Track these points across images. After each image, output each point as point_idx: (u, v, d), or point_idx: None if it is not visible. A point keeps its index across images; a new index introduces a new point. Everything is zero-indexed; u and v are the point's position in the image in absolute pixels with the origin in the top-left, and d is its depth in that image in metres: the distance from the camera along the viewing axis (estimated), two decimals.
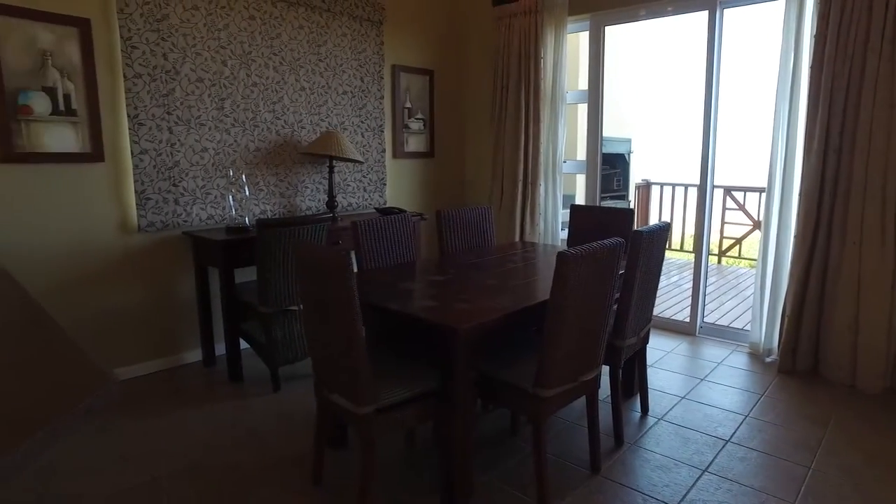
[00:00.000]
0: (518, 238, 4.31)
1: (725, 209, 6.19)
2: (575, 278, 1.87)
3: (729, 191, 6.13)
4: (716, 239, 6.16)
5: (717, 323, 4.10)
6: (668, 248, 3.70)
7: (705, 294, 3.92)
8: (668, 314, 4.33)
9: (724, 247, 6.33)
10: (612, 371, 2.47)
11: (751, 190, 6.02)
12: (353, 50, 3.94)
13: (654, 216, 6.90)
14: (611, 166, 7.11)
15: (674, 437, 2.51)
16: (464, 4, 4.73)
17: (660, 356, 3.49)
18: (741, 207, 6.10)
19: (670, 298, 4.85)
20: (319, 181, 3.87)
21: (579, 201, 5.65)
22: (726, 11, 3.51)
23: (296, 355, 3.01)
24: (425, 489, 2.13)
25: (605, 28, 4.05)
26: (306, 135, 3.74)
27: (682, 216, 6.42)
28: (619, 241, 2.08)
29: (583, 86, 4.27)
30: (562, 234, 4.39)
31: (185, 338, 3.34)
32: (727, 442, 2.47)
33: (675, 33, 8.03)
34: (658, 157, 8.30)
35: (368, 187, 4.19)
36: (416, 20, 4.39)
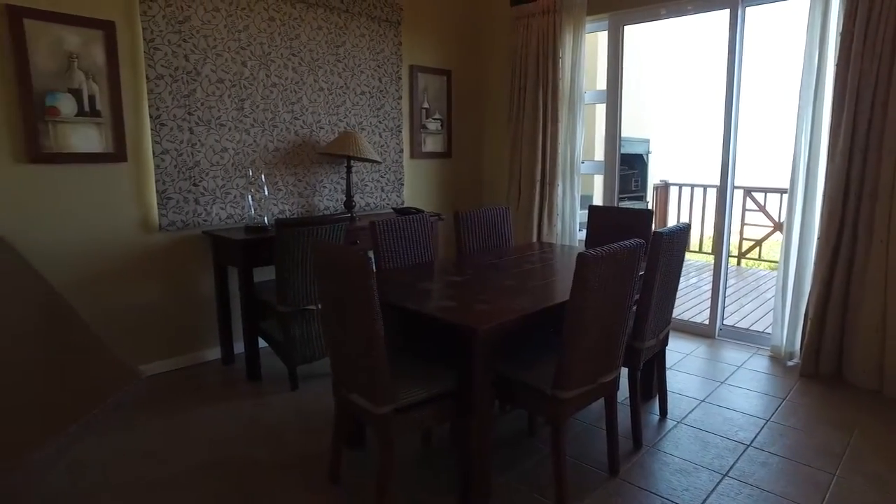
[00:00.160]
0: (535, 239, 4.30)
1: (745, 210, 6.11)
2: (595, 279, 1.86)
3: (749, 192, 6.05)
4: (735, 240, 6.08)
5: (737, 325, 4.04)
6: (686, 250, 3.65)
7: (725, 296, 3.87)
8: (686, 316, 4.28)
9: (743, 248, 6.24)
10: (630, 373, 2.45)
11: (771, 191, 5.92)
12: (371, 50, 3.96)
13: (672, 217, 6.83)
14: (629, 167, 7.05)
15: (693, 441, 2.48)
16: (482, 5, 4.72)
17: (679, 358, 3.46)
18: (762, 209, 6.01)
19: (689, 300, 4.79)
20: (337, 181, 3.89)
21: (597, 202, 5.62)
22: (748, 9, 3.46)
23: (313, 354, 3.03)
24: (442, 489, 2.13)
25: (625, 27, 4.02)
26: (325, 135, 3.76)
27: (701, 217, 6.35)
28: (639, 243, 2.06)
29: (601, 86, 4.25)
30: (579, 235, 4.37)
31: (205, 336, 3.38)
32: (748, 446, 2.44)
33: (694, 32, 7.94)
34: (676, 157, 8.22)
35: (386, 187, 4.20)
36: (433, 21, 4.40)
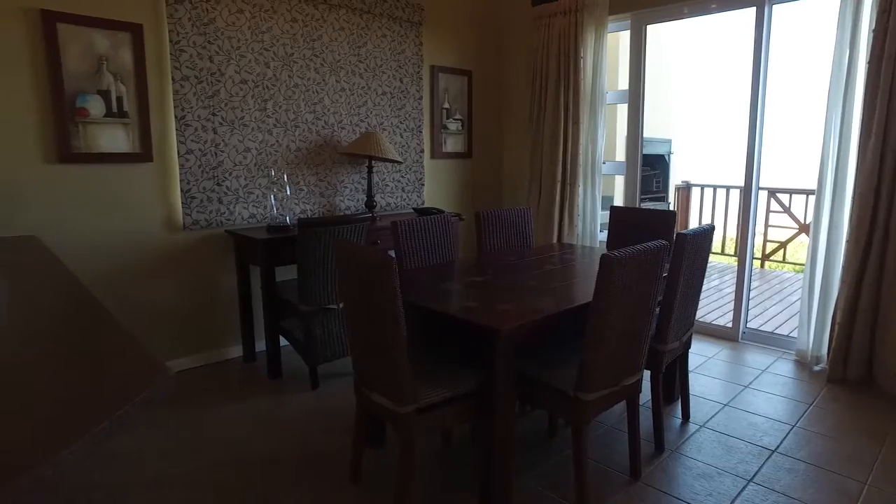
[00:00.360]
0: (556, 239, 4.27)
1: (769, 212, 6.00)
2: (619, 281, 1.84)
3: (773, 193, 5.94)
4: (758, 242, 5.98)
5: (761, 329, 3.98)
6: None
7: (749, 299, 3.81)
8: (709, 319, 4.22)
9: (767, 250, 6.14)
10: (653, 376, 2.42)
11: (797, 192, 5.81)
12: (392, 51, 3.97)
13: (693, 219, 6.75)
14: (650, 167, 6.98)
15: (716, 445, 2.45)
16: (502, 5, 4.71)
17: (701, 361, 3.41)
18: (786, 210, 5.90)
19: (711, 303, 4.73)
20: (358, 181, 3.91)
21: (618, 203, 5.57)
22: (775, 7, 3.40)
23: (334, 353, 3.05)
24: (463, 489, 2.13)
25: (647, 27, 3.98)
26: (346, 135, 3.78)
27: (724, 219, 6.26)
28: (663, 244, 2.04)
29: (622, 85, 4.21)
30: (600, 236, 4.34)
31: (227, 334, 3.42)
32: (773, 452, 2.39)
33: (718, 30, 7.83)
34: (699, 158, 8.11)
35: (407, 187, 4.21)
36: (454, 21, 4.40)
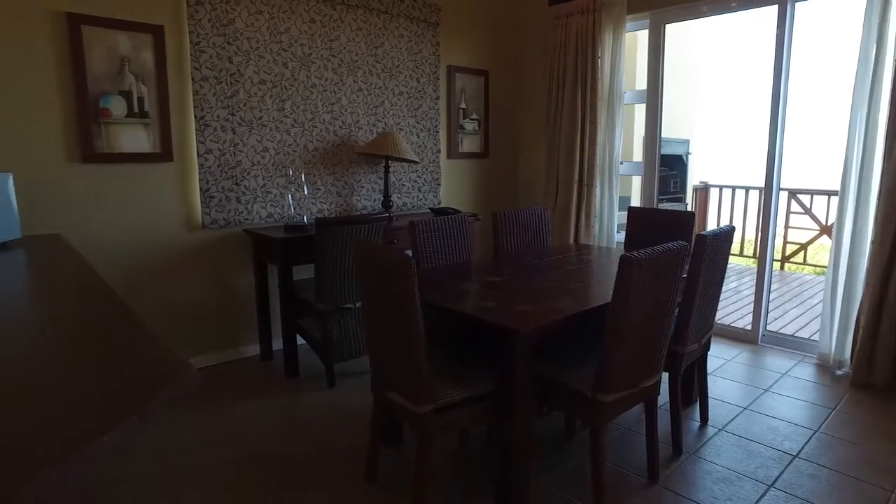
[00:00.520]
0: (572, 240, 4.25)
1: (790, 213, 5.92)
2: (638, 282, 1.83)
3: (794, 194, 5.85)
4: (778, 244, 5.90)
5: (781, 332, 3.92)
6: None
7: (769, 301, 3.76)
8: (727, 321, 4.17)
9: (787, 252, 6.05)
10: (671, 378, 2.40)
11: (818, 193, 5.72)
12: (409, 51, 3.98)
13: (712, 219, 6.67)
14: (668, 168, 6.92)
15: (736, 449, 2.42)
16: (519, 4, 4.70)
17: (720, 364, 3.37)
18: (807, 211, 5.81)
19: (730, 305, 4.67)
20: (375, 181, 3.92)
21: (635, 203, 5.53)
22: (798, 4, 3.34)
23: (351, 352, 3.06)
24: (479, 489, 2.13)
25: (666, 26, 3.94)
26: (363, 135, 3.80)
27: (743, 220, 6.18)
28: (682, 245, 2.02)
29: (640, 85, 4.17)
30: (617, 237, 4.30)
31: (244, 332, 3.45)
32: (795, 457, 2.36)
33: (737, 29, 7.74)
34: (717, 158, 8.02)
35: (423, 187, 4.22)
36: (471, 21, 4.39)
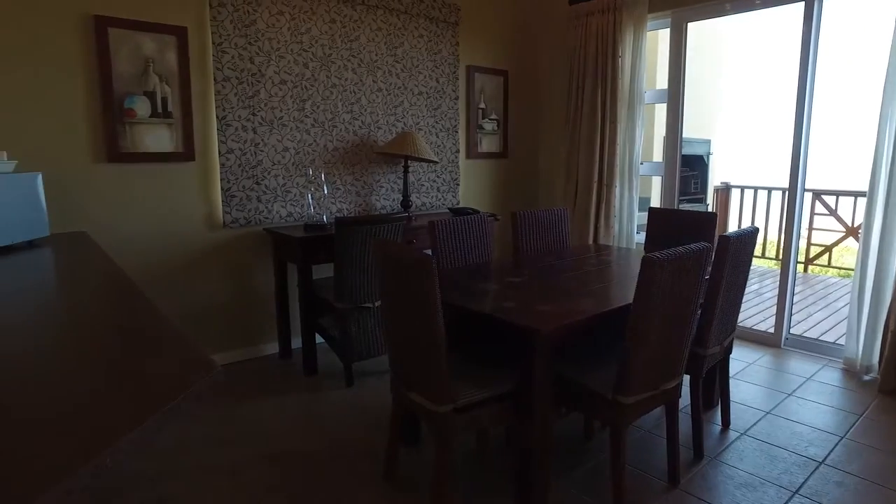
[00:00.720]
0: (591, 240, 4.22)
1: (814, 214, 5.81)
2: (660, 283, 1.81)
3: (819, 195, 5.75)
4: (801, 246, 5.79)
5: (805, 335, 3.85)
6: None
7: (792, 304, 3.70)
8: (749, 324, 4.10)
9: (811, 254, 5.94)
10: (692, 381, 2.37)
11: (844, 194, 5.61)
12: (428, 51, 3.98)
13: (733, 221, 6.58)
14: (688, 168, 6.83)
15: (758, 454, 2.38)
16: (539, 4, 4.67)
17: (742, 367, 3.32)
18: (833, 213, 5.70)
19: (752, 307, 4.60)
20: (394, 181, 3.93)
21: (654, 204, 5.47)
22: (825, 2, 3.28)
23: (369, 351, 3.07)
24: (498, 489, 2.12)
25: (688, 24, 3.89)
26: (382, 135, 3.81)
27: (765, 221, 6.08)
28: (705, 246, 1.99)
29: (661, 84, 4.13)
30: (637, 238, 4.26)
31: (263, 330, 3.48)
32: (820, 464, 2.31)
33: (761, 26, 7.62)
34: (739, 158, 7.91)
35: (442, 187, 4.22)
36: (490, 21, 4.38)
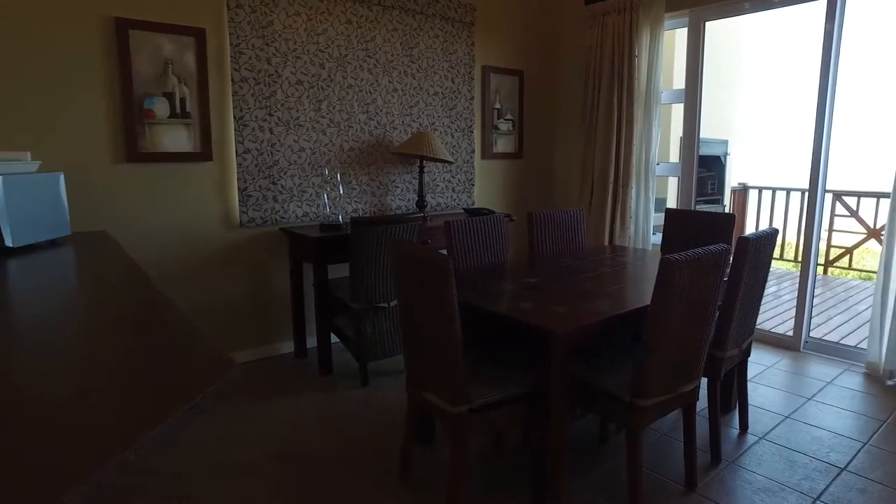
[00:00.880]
0: (607, 242, 4.19)
1: (834, 215, 5.72)
2: (678, 284, 1.79)
3: (839, 196, 5.66)
4: (821, 248, 5.70)
5: (826, 338, 3.79)
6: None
7: (812, 307, 3.64)
8: (767, 326, 4.05)
9: (830, 256, 5.85)
10: (710, 384, 2.34)
11: (866, 195, 5.52)
12: (444, 51, 3.98)
13: (750, 222, 6.50)
14: (705, 169, 6.76)
15: (777, 459, 2.34)
16: (554, 4, 4.65)
17: (760, 370, 3.28)
18: (854, 214, 5.61)
19: (770, 310, 4.53)
20: (409, 181, 3.94)
21: (671, 205, 5.42)
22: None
23: (384, 351, 3.08)
24: (512, 489, 2.11)
25: (705, 24, 3.85)
26: (398, 135, 3.82)
27: (784, 223, 6.00)
28: (724, 248, 1.97)
29: (678, 84, 4.09)
30: (653, 239, 4.23)
31: (279, 330, 3.50)
32: (842, 470, 2.27)
33: (780, 24, 7.52)
34: (757, 159, 7.80)
35: (457, 188, 4.21)
36: (506, 21, 4.37)
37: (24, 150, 2.39)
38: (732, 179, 7.13)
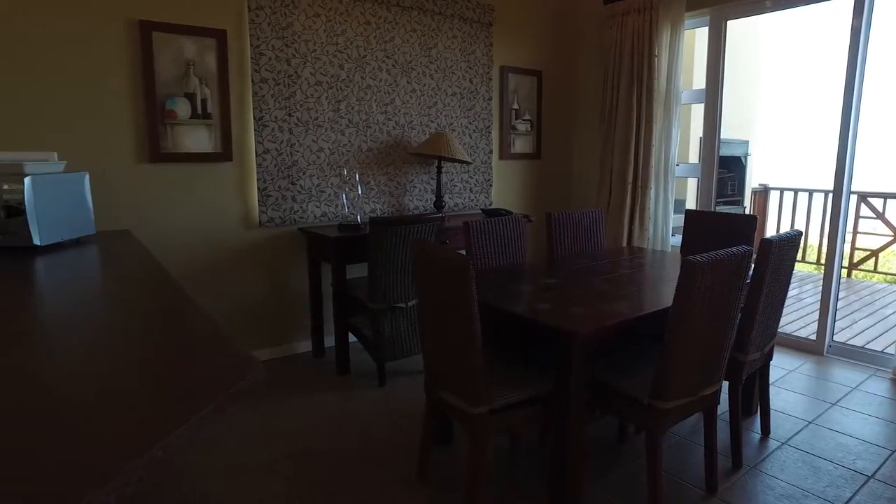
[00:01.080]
0: (625, 243, 4.16)
1: (858, 217, 5.61)
2: (700, 286, 1.77)
3: (864, 197, 5.55)
4: (845, 250, 5.59)
5: (850, 343, 3.71)
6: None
7: (836, 310, 3.57)
8: (789, 329, 3.98)
9: (854, 259, 5.74)
10: (731, 387, 2.31)
11: (893, 196, 5.40)
12: (462, 52, 3.98)
13: (771, 224, 6.40)
14: (725, 170, 6.67)
15: (801, 465, 2.30)
16: (573, 4, 4.63)
17: (782, 374, 3.22)
18: (880, 216, 5.50)
19: (792, 313, 4.47)
20: (427, 181, 3.94)
21: (690, 206, 5.36)
22: None
23: (402, 351, 3.08)
24: (530, 490, 2.10)
25: (727, 22, 3.80)
26: (416, 136, 3.82)
27: (806, 225, 5.90)
28: (747, 249, 1.94)
29: (698, 84, 4.04)
30: (672, 240, 4.18)
31: (297, 329, 3.52)
32: (870, 478, 2.22)
33: (803, 22, 7.39)
34: (778, 160, 7.69)
35: (475, 188, 4.21)
36: (524, 21, 4.36)
37: (50, 151, 2.43)
38: (753, 180, 7.04)
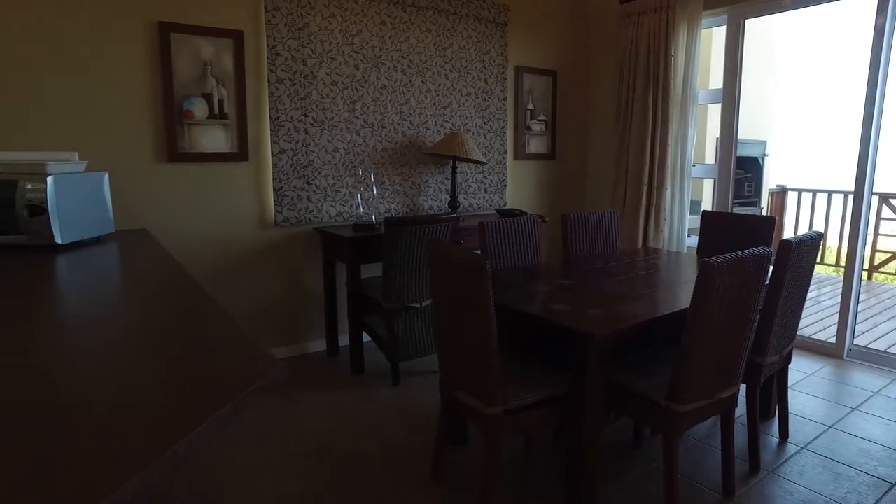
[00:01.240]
0: (641, 243, 4.13)
1: (880, 219, 5.52)
2: (719, 288, 1.75)
3: (886, 198, 5.45)
4: (865, 252, 5.50)
5: (871, 346, 3.65)
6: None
7: (856, 313, 3.52)
8: (807, 332, 3.93)
9: (876, 261, 5.64)
10: (749, 390, 2.28)
11: None
12: (477, 52, 3.97)
13: (789, 225, 6.32)
14: (743, 170, 6.60)
15: (820, 471, 2.26)
16: (589, 3, 4.60)
17: (800, 378, 3.18)
18: None
19: (810, 315, 4.40)
20: (442, 181, 3.94)
21: (706, 207, 5.30)
22: None
23: (416, 351, 3.08)
24: (545, 491, 2.09)
25: (745, 21, 3.76)
26: (431, 136, 3.82)
27: (825, 226, 5.81)
28: (766, 251, 1.92)
29: (714, 84, 4.00)
30: (687, 242, 4.14)
31: (312, 328, 3.54)
32: (893, 485, 2.17)
33: (822, 20, 7.29)
34: (796, 160, 7.59)
35: (489, 188, 4.20)
36: (540, 21, 4.34)
37: (71, 151, 2.47)
38: (770, 181, 6.95)
